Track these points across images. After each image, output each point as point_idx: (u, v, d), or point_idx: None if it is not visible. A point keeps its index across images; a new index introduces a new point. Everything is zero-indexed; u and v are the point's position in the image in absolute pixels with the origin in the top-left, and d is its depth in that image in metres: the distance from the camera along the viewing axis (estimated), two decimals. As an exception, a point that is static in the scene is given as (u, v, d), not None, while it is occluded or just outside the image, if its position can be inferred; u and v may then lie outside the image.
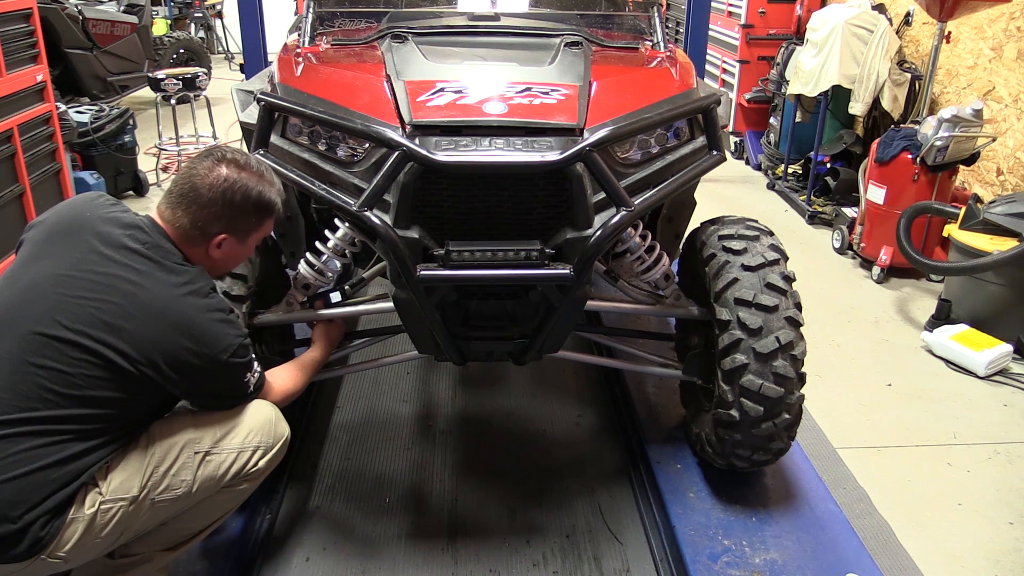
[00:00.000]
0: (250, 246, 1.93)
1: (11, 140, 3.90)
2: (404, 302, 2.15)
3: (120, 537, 1.72)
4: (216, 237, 1.81)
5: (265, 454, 1.88)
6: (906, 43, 5.48)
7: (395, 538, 2.38)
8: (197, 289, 1.74)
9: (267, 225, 1.92)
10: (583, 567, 2.29)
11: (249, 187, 1.81)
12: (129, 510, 1.69)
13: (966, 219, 3.84)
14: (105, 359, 1.62)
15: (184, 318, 1.69)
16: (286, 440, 1.96)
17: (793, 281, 2.27)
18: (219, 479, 1.81)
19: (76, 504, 1.62)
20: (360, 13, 3.05)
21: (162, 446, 1.75)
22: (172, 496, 1.75)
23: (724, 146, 2.35)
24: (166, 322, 1.67)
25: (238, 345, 1.76)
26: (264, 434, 1.89)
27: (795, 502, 2.44)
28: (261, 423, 1.89)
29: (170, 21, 10.04)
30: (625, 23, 3.17)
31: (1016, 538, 2.58)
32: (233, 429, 1.84)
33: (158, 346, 1.66)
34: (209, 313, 1.73)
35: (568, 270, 2.06)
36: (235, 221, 1.82)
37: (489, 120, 2.07)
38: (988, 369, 3.51)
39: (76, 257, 1.68)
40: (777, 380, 2.16)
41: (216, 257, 1.85)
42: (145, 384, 1.67)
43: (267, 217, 1.90)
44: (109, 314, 1.63)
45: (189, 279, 1.74)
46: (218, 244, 1.82)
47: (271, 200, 1.87)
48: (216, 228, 1.80)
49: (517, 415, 3.01)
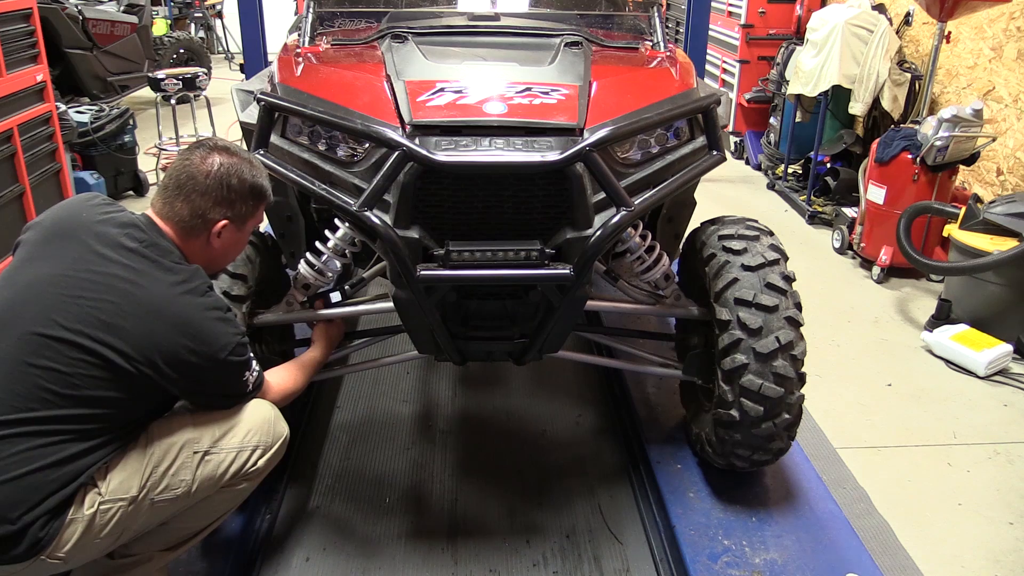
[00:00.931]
0: (246, 235, 1.95)
1: (11, 140, 3.90)
2: (404, 302, 2.15)
3: (120, 537, 1.72)
4: (216, 224, 1.82)
5: (264, 453, 1.88)
6: (906, 43, 5.48)
7: (395, 538, 2.38)
8: (195, 288, 1.74)
9: (260, 212, 1.94)
10: (583, 567, 2.29)
11: (244, 171, 1.84)
12: (128, 510, 1.69)
13: (966, 219, 3.84)
14: (103, 359, 1.62)
15: (182, 316, 1.69)
16: (285, 439, 1.96)
17: (793, 281, 2.27)
18: (218, 478, 1.81)
19: (75, 505, 1.62)
20: (360, 13, 3.05)
21: (161, 446, 1.75)
22: (171, 496, 1.75)
23: (724, 146, 2.35)
24: (164, 321, 1.67)
25: (236, 343, 1.76)
26: (263, 433, 1.88)
27: (795, 502, 2.44)
28: (260, 422, 1.89)
29: (170, 21, 10.04)
30: (625, 23, 3.17)
31: (1016, 538, 2.58)
32: (232, 429, 1.84)
33: (156, 345, 1.66)
34: (207, 311, 1.73)
35: (568, 270, 2.06)
36: (234, 206, 1.83)
37: (489, 120, 2.07)
38: (988, 369, 3.51)
39: (73, 257, 1.68)
40: (777, 380, 2.16)
41: (216, 247, 1.85)
42: (144, 383, 1.67)
43: (261, 202, 1.92)
44: (107, 313, 1.63)
45: (187, 277, 1.74)
46: (218, 233, 1.83)
47: (264, 185, 1.91)
48: (216, 214, 1.81)
49: (517, 415, 3.01)
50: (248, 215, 1.89)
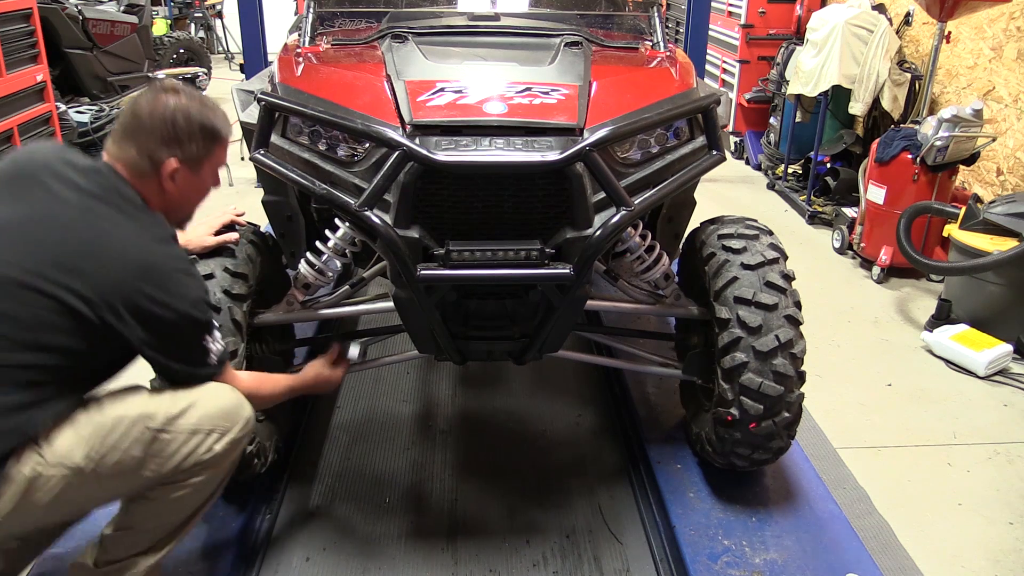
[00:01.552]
0: (205, 179, 1.86)
1: (11, 140, 3.90)
2: (404, 302, 2.15)
3: (65, 512, 1.65)
4: (165, 165, 1.74)
5: (221, 438, 1.78)
6: (906, 43, 5.48)
7: (395, 538, 2.38)
8: (160, 236, 1.70)
9: (217, 154, 1.86)
10: (583, 567, 2.29)
11: (191, 110, 1.77)
12: (71, 481, 1.61)
13: (966, 219, 3.84)
14: (63, 303, 1.56)
15: (146, 263, 1.64)
16: (246, 424, 1.84)
17: (793, 280, 2.27)
18: (171, 461, 1.71)
19: (14, 460, 1.55)
20: (360, 13, 3.06)
21: (112, 416, 1.67)
22: (118, 472, 1.65)
23: (724, 146, 2.35)
24: (128, 266, 1.62)
25: (200, 299, 1.71)
26: (221, 417, 1.78)
27: (795, 502, 2.44)
28: (219, 406, 1.79)
29: (170, 21, 10.04)
30: (625, 23, 3.17)
31: (1016, 538, 2.58)
32: (189, 409, 1.74)
33: (118, 289, 1.60)
34: (172, 261, 1.69)
35: (568, 270, 2.06)
36: (183, 145, 1.76)
37: (489, 120, 2.07)
38: (988, 369, 3.51)
39: (33, 201, 1.64)
40: (777, 378, 2.16)
41: (171, 192, 1.78)
42: (102, 333, 1.61)
43: (215, 143, 1.83)
44: (68, 257, 1.59)
45: (151, 225, 1.70)
46: (171, 175, 1.75)
47: (216, 124, 1.82)
48: (164, 154, 1.74)
49: (517, 415, 3.01)
50: (201, 156, 1.80)
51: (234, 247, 2.25)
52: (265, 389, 1.99)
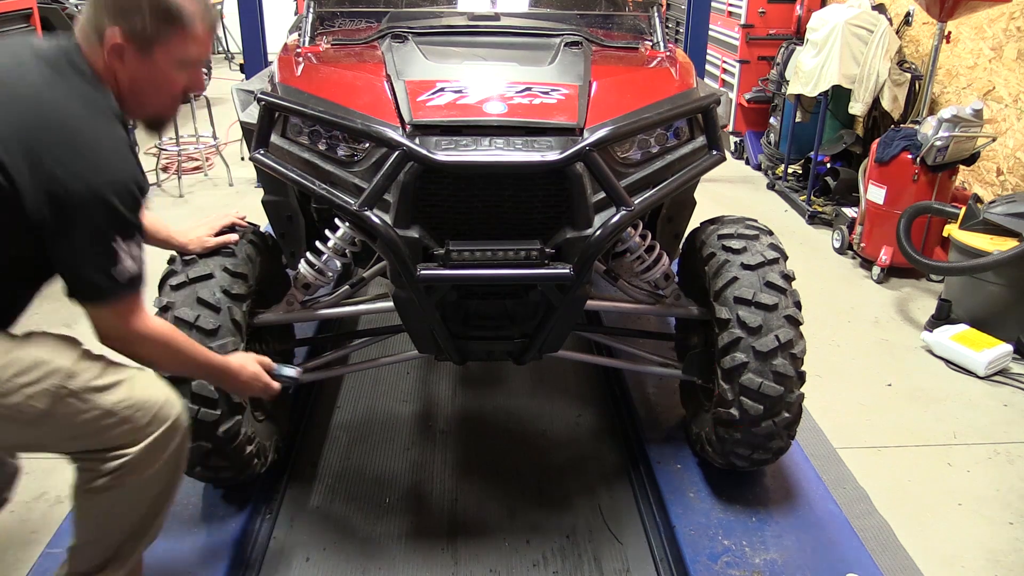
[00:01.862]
0: (162, 68, 1.62)
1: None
2: (404, 302, 2.15)
3: None
4: (108, 37, 1.55)
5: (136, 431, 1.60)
6: (906, 43, 5.48)
7: (395, 538, 2.38)
8: (96, 105, 1.53)
9: (175, 41, 1.60)
10: (583, 567, 2.29)
11: None
12: None
13: (966, 219, 3.84)
14: None
15: (60, 118, 1.48)
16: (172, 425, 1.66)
17: (792, 280, 2.27)
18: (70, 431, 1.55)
19: None
20: (360, 13, 3.06)
21: (34, 356, 1.52)
22: (12, 416, 1.48)
23: (724, 146, 2.36)
24: (40, 117, 1.47)
25: (124, 185, 1.49)
26: (144, 409, 1.61)
27: (795, 502, 2.44)
28: (149, 396, 1.64)
29: (170, 21, 10.02)
30: (625, 23, 3.17)
31: (1016, 538, 2.58)
32: (115, 386, 1.59)
33: (31, 148, 1.43)
34: (98, 130, 1.51)
35: (568, 270, 2.06)
36: (128, 17, 1.55)
37: (489, 120, 2.07)
38: (988, 369, 3.51)
39: None
40: (777, 378, 2.16)
41: (120, 72, 1.58)
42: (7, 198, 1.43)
43: (169, 25, 1.58)
44: None
45: (89, 93, 1.54)
46: (115, 51, 1.56)
47: (174, 4, 1.58)
48: (106, 22, 1.55)
49: (517, 415, 3.01)
50: (151, 37, 1.57)
51: (234, 247, 2.26)
52: (178, 344, 1.72)
